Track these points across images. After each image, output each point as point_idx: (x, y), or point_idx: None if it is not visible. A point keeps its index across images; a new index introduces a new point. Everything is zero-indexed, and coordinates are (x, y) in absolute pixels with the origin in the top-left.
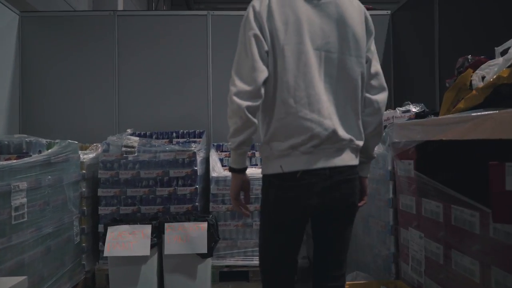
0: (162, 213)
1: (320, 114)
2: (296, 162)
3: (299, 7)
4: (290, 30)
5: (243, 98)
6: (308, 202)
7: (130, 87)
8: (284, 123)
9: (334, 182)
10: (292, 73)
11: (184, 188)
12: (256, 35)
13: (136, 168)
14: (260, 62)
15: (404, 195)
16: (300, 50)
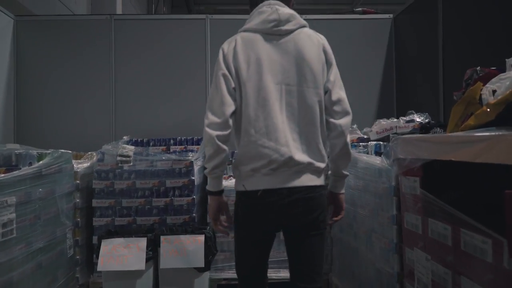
0: (158, 224)
1: (277, 142)
2: (257, 182)
3: (260, 48)
4: (251, 69)
5: (214, 128)
6: (267, 217)
7: (127, 93)
8: (246, 150)
9: (291, 200)
10: (252, 107)
11: (181, 198)
12: (224, 74)
13: (132, 178)
14: (228, 97)
15: (409, 214)
16: (260, 86)
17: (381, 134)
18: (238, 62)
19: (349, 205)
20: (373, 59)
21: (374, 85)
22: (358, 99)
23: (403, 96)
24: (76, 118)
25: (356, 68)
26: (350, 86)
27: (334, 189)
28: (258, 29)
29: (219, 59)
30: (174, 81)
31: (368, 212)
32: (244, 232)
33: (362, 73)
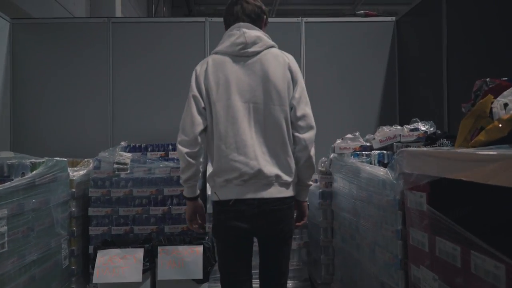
0: (156, 234)
1: (247, 156)
2: (229, 192)
3: (229, 69)
4: (221, 89)
5: (184, 145)
6: (238, 225)
7: (125, 97)
8: (219, 164)
9: (261, 210)
10: (223, 124)
11: (179, 207)
12: (194, 95)
13: (129, 186)
14: (197, 117)
15: (415, 230)
16: (229, 105)
17: (385, 143)
18: (209, 83)
19: (351, 215)
20: (375, 63)
21: (376, 90)
22: (359, 104)
23: (406, 101)
24: (74, 123)
25: (358, 72)
26: (351, 90)
27: (298, 197)
28: (227, 51)
29: (192, 81)
30: (173, 85)
31: (371, 225)
32: (220, 237)
33: (363, 77)
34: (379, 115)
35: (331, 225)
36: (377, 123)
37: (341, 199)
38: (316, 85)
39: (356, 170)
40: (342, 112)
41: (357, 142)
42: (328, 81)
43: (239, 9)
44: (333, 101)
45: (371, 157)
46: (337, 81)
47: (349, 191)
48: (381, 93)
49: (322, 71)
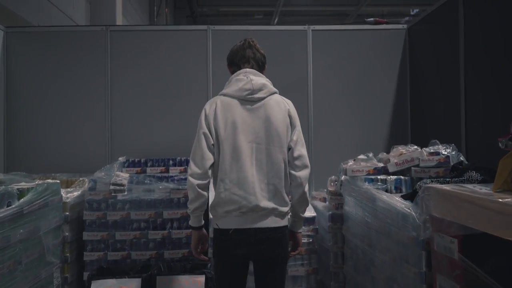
0: (155, 259)
1: (246, 191)
2: (229, 222)
3: (236, 112)
4: (228, 129)
5: (195, 178)
6: (236, 252)
7: (123, 109)
8: (222, 196)
9: (257, 239)
10: (228, 161)
11: (180, 231)
12: (204, 133)
13: (126, 209)
14: (207, 152)
15: (443, 278)
16: (234, 145)
17: (401, 166)
18: (217, 123)
19: (365, 244)
20: (385, 74)
21: (386, 103)
22: (368, 118)
23: (419, 116)
24: (71, 136)
25: (366, 83)
26: (359, 103)
27: (293, 228)
28: (235, 95)
29: (201, 119)
30: (174, 97)
31: (389, 259)
32: (220, 262)
33: (372, 89)
34: (390, 130)
35: (342, 250)
36: (387, 138)
37: (353, 224)
38: (322, 96)
39: (371, 197)
40: (349, 126)
41: (370, 164)
42: (335, 92)
43: (251, 54)
44: (339, 114)
45: (387, 183)
46: (345, 93)
47: (363, 218)
48: (392, 106)
49: (329, 81)
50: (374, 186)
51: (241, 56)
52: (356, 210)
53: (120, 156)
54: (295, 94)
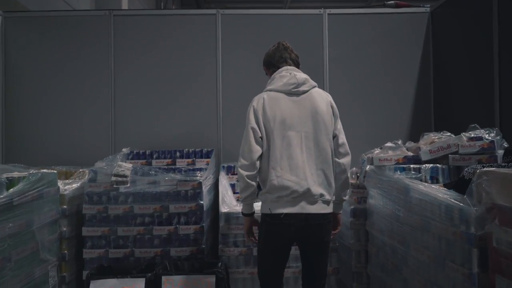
0: (160, 257)
1: (298, 177)
2: (281, 207)
3: (283, 104)
4: (277, 121)
5: (244, 169)
6: (287, 236)
7: (128, 99)
8: (274, 183)
9: (307, 224)
10: (278, 150)
11: (188, 226)
12: (253, 127)
13: (129, 202)
14: (255, 145)
15: (505, 281)
16: (284, 134)
17: (436, 154)
18: (266, 116)
19: (396, 242)
20: (406, 60)
21: (407, 92)
22: (388, 106)
23: (444, 104)
24: (72, 127)
25: (386, 70)
26: (378, 91)
27: (335, 210)
28: (281, 90)
29: (250, 114)
30: (181, 86)
31: (427, 258)
32: (266, 244)
33: (393, 76)
34: (412, 119)
35: (365, 248)
36: (408, 128)
37: (380, 219)
38: (340, 84)
39: (403, 188)
40: (368, 116)
41: (399, 152)
42: (353, 80)
43: (287, 55)
44: (358, 102)
45: (421, 172)
46: (363, 81)
47: (392, 212)
48: (413, 95)
49: (346, 69)
50: (407, 176)
51: (278, 57)
52: (384, 203)
53: (124, 148)
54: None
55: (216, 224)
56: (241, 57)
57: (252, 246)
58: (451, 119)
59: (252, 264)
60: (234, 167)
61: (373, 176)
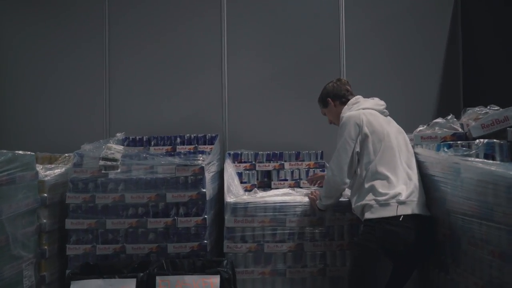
0: (156, 254)
1: (399, 181)
2: (401, 209)
3: (381, 121)
4: (380, 135)
5: (340, 183)
6: (407, 241)
7: (124, 81)
8: (381, 189)
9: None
10: (385, 160)
11: (188, 219)
12: (352, 139)
13: (120, 190)
14: (350, 160)
15: None
16: (387, 146)
17: (490, 128)
18: (373, 128)
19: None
20: (432, 37)
21: (432, 71)
22: (411, 88)
23: (475, 83)
24: (62, 111)
25: (410, 49)
26: (401, 72)
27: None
28: (375, 108)
29: (350, 128)
30: (183, 66)
31: (488, 255)
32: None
33: (417, 55)
34: (438, 100)
35: None
36: (434, 110)
37: None
38: (359, 65)
39: (451, 168)
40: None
41: (448, 130)
42: (373, 60)
43: (350, 89)
44: (379, 84)
45: (474, 148)
46: (384, 61)
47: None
48: (440, 74)
49: (365, 48)
50: (458, 154)
51: (345, 90)
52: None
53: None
54: (324, 62)
55: (220, 217)
56: (249, 35)
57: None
58: (483, 96)
59: (263, 263)
60: (241, 154)
61: None
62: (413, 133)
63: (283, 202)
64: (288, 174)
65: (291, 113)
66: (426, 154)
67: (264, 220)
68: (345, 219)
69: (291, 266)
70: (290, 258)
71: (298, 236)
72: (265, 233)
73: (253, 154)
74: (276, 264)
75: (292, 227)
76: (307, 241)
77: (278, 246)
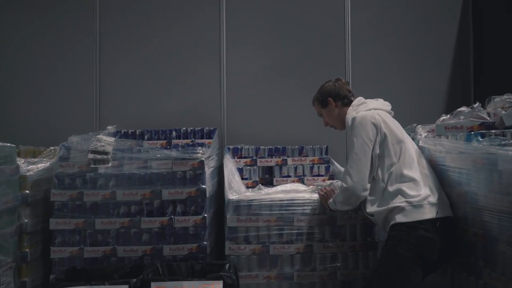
0: (150, 257)
1: (428, 185)
2: (431, 212)
3: (393, 121)
4: (397, 136)
5: (360, 190)
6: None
7: (116, 71)
8: (409, 191)
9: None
10: (407, 161)
11: (186, 218)
12: (370, 142)
13: (111, 187)
14: (370, 164)
15: None
16: (405, 148)
17: None
18: (390, 129)
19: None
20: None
21: (441, 62)
22: (418, 81)
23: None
24: (48, 104)
25: (417, 40)
26: (408, 64)
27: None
28: (383, 109)
29: (367, 128)
30: (179, 56)
31: None
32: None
33: (425, 47)
34: (447, 94)
35: None
36: (443, 105)
37: None
38: (363, 56)
39: (486, 160)
40: (397, 88)
41: (475, 119)
42: (379, 51)
43: (350, 88)
44: (384, 76)
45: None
46: (390, 52)
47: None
48: (450, 66)
49: (370, 39)
50: (491, 144)
51: (347, 90)
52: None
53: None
54: (329, 51)
55: (219, 217)
56: (249, 24)
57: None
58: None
59: (269, 266)
60: (242, 149)
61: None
62: (436, 123)
63: (290, 200)
64: (291, 170)
65: (293, 106)
66: (453, 146)
67: (269, 219)
68: (358, 218)
69: (299, 270)
70: (298, 261)
71: (307, 236)
72: (270, 233)
73: (254, 149)
74: (282, 267)
75: (301, 226)
76: (317, 242)
77: (285, 248)
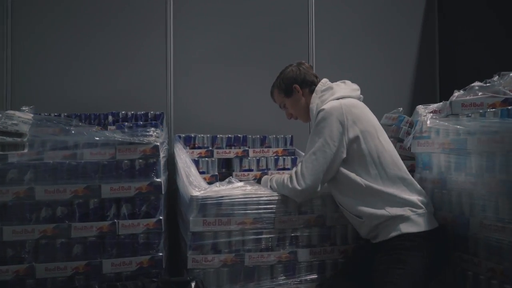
0: (84, 277)
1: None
2: (429, 222)
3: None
4: (371, 127)
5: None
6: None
7: (35, 41)
8: (404, 196)
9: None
10: (392, 160)
11: (134, 221)
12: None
13: (27, 181)
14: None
15: None
16: (386, 142)
17: None
18: (363, 125)
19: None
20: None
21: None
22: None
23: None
24: None
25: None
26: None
27: None
28: (353, 95)
29: (332, 127)
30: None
31: None
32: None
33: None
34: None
35: None
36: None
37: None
38: (328, 40)
39: None
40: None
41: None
42: (344, 35)
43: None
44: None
45: None
46: (356, 36)
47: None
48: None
49: (337, 18)
50: None
51: (313, 75)
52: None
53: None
54: (292, 30)
55: (173, 221)
56: None
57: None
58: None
59: (243, 281)
60: (195, 138)
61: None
62: (450, 100)
63: (272, 195)
64: (253, 163)
65: (254, 90)
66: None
67: (245, 220)
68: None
69: (281, 283)
70: (280, 272)
71: (290, 241)
72: (245, 239)
73: (209, 138)
74: (260, 280)
75: (283, 229)
76: (302, 248)
77: (264, 257)
